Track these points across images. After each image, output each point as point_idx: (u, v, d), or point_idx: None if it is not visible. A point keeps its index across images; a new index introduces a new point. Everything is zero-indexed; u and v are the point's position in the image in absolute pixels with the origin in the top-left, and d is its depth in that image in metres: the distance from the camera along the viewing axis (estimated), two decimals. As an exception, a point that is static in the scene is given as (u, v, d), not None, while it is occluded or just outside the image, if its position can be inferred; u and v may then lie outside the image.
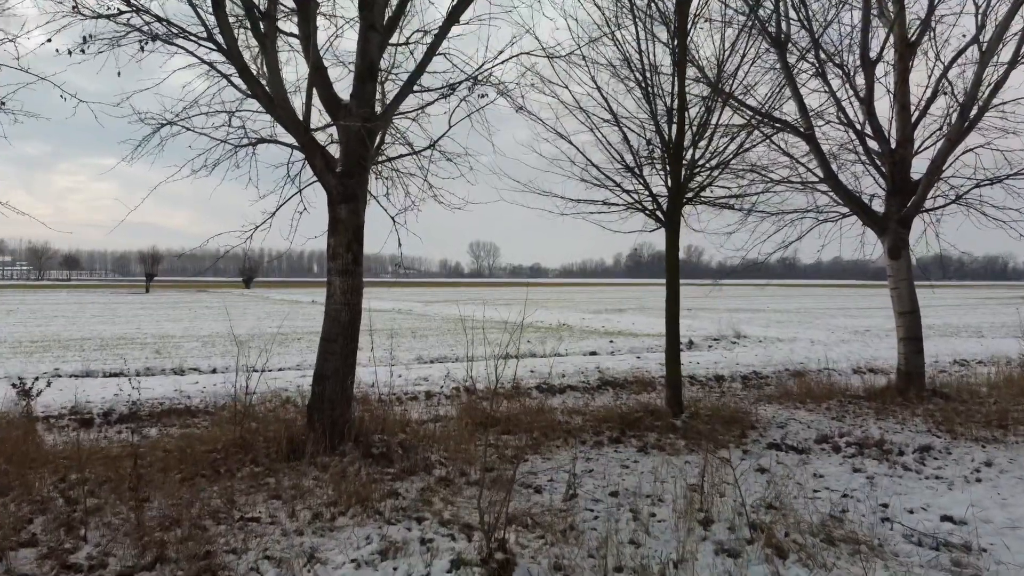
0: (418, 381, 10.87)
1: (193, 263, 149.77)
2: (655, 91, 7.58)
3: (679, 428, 7.27)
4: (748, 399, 9.68)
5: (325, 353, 6.39)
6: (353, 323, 6.41)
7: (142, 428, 7.94)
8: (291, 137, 6.42)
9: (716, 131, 7.76)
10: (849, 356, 14.14)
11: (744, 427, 7.52)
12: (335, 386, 6.31)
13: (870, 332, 20.05)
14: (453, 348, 15.41)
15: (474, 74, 6.57)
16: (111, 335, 18.47)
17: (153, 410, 8.66)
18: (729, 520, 4.60)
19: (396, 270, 9.08)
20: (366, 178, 6.65)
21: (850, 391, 9.67)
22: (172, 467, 5.80)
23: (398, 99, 6.59)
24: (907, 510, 4.92)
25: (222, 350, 14.89)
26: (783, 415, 8.43)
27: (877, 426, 7.73)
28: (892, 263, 9.19)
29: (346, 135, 6.42)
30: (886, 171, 9.21)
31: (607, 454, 6.56)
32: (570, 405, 9.10)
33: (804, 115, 9.46)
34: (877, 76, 9.38)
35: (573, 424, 7.60)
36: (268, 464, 5.89)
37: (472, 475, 5.64)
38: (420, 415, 8.21)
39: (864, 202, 9.44)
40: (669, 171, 7.69)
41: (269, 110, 6.12)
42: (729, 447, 6.81)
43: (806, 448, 6.74)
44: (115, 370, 11.90)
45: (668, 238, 7.82)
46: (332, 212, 6.44)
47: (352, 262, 6.39)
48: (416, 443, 6.40)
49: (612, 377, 11.33)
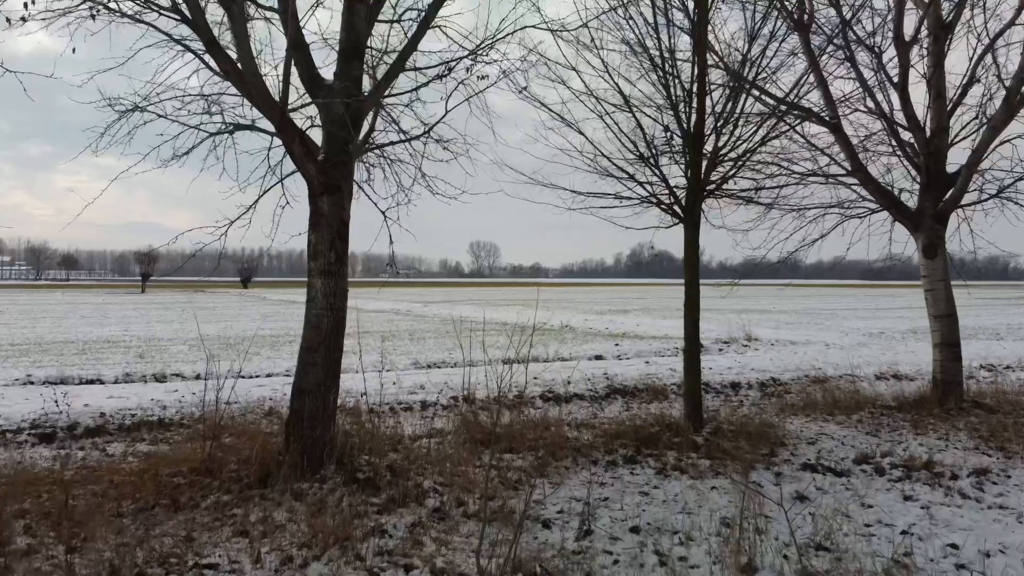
0: (413, 389, 10.15)
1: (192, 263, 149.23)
2: (672, 71, 6.85)
3: (700, 446, 6.54)
4: (770, 410, 8.95)
5: (305, 364, 5.66)
6: (337, 330, 5.68)
7: (108, 444, 7.24)
8: (271, 124, 5.70)
9: (740, 118, 7.03)
10: (869, 360, 13.40)
11: (772, 444, 6.79)
12: (316, 402, 5.58)
13: (885, 334, 19.31)
14: (452, 352, 14.68)
15: (475, 49, 5.84)
16: (96, 338, 17.74)
17: (123, 423, 7.93)
18: (776, 569, 3.87)
19: (387, 270, 8.46)
20: (351, 167, 5.92)
21: (880, 401, 8.95)
22: (128, 495, 5.07)
23: (388, 78, 5.87)
24: (982, 552, 4.19)
25: (212, 354, 14.14)
26: (812, 429, 7.70)
27: (918, 443, 7.01)
28: (927, 263, 8.46)
29: (328, 118, 5.70)
30: (920, 163, 8.48)
31: (622, 477, 5.83)
32: (578, 417, 8.37)
33: (830, 103, 8.74)
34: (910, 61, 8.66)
35: (583, 440, 6.88)
36: (238, 492, 5.16)
37: (471, 505, 4.92)
38: (414, 429, 7.49)
39: (896, 197, 8.71)
40: (688, 161, 6.96)
41: (240, 88, 5.39)
42: (758, 468, 6.09)
43: (846, 470, 6.01)
44: (91, 376, 11.18)
45: (687, 235, 7.09)
46: (313, 205, 5.72)
47: (335, 261, 5.66)
48: (408, 466, 5.67)
49: (621, 385, 10.61)
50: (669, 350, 15.31)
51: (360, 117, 5.89)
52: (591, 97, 7.32)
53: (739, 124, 6.99)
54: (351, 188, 5.91)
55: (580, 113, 28.85)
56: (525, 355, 13.46)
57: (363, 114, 5.94)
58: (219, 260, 6.67)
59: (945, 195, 8.38)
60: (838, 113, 8.79)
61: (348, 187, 5.84)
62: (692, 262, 7.07)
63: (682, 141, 6.99)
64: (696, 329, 7.08)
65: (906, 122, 8.50)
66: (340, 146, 5.65)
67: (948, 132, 8.54)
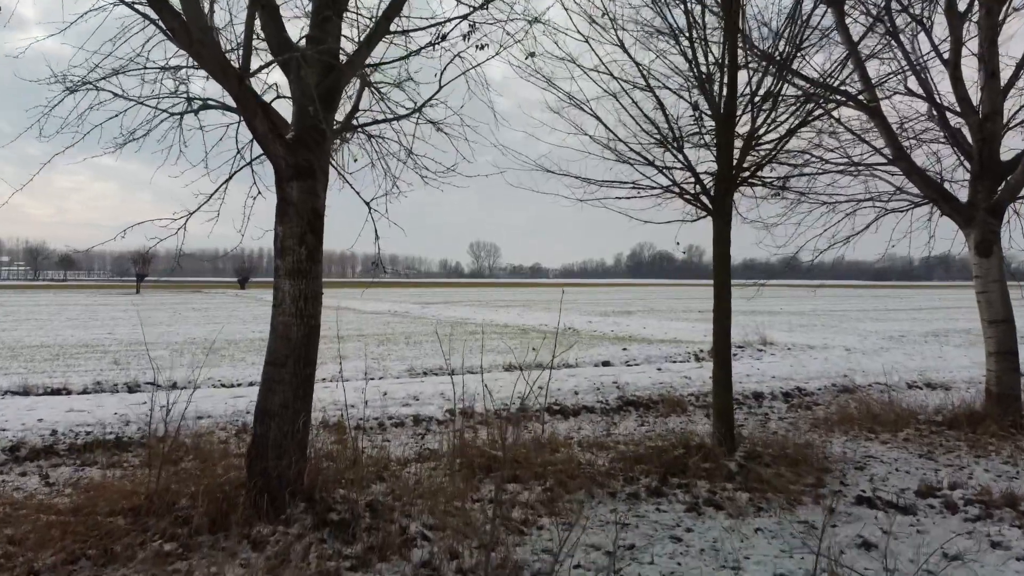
0: (407, 400, 9.24)
1: (193, 263, 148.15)
2: (702, 34, 5.94)
3: (735, 474, 5.62)
4: (801, 425, 8.05)
5: (270, 381, 4.74)
6: (308, 341, 4.77)
7: (55, 468, 6.33)
8: (229, 94, 4.79)
9: (779, 95, 6.12)
10: (895, 366, 12.47)
11: (816, 470, 5.87)
12: (283, 426, 4.67)
13: (906, 338, 18.38)
14: (449, 357, 13.75)
15: (478, 5, 4.92)
16: (75, 341, 16.83)
17: (76, 442, 7.02)
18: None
19: (373, 269, 7.73)
20: (327, 148, 5.02)
21: (922, 415, 8.03)
22: (51, 542, 4.16)
23: (370, 40, 4.96)
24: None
25: (191, 360, 13.25)
26: (855, 450, 6.79)
27: (983, 468, 6.10)
28: (981, 261, 7.54)
29: (300, 89, 4.79)
30: (973, 149, 7.57)
31: (647, 516, 4.92)
32: (589, 435, 7.46)
33: (868, 84, 7.84)
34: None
35: (597, 466, 5.96)
36: (186, 537, 4.25)
37: (467, 558, 4.01)
38: (404, 450, 6.60)
39: (944, 187, 7.81)
40: (718, 144, 6.05)
41: (189, 50, 4.47)
42: (805, 501, 5.19)
43: (910, 505, 5.09)
44: (58, 386, 10.27)
45: (716, 229, 6.18)
46: (281, 192, 4.81)
47: (306, 259, 4.75)
48: (391, 503, 4.76)
49: (634, 395, 9.69)
50: (680, 355, 14.40)
51: (337, 88, 4.99)
52: (602, 74, 6.42)
53: (778, 102, 6.07)
54: (326, 173, 5.00)
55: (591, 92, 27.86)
56: (527, 359, 12.58)
57: (341, 85, 5.04)
58: (177, 258, 5.76)
59: (1000, 185, 7.47)
60: (876, 96, 7.90)
61: (323, 171, 4.93)
62: (723, 261, 6.15)
63: (712, 121, 6.08)
64: (728, 338, 6.17)
65: (957, 104, 7.59)
66: (314, 122, 4.74)
67: (1002, 115, 7.64)
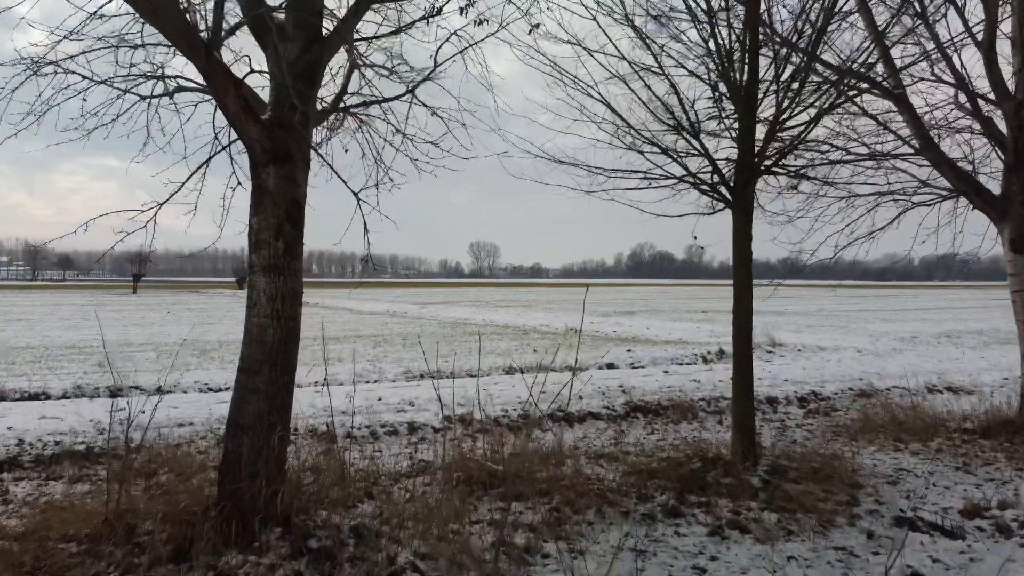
0: (401, 406, 8.73)
1: (192, 263, 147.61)
2: (724, 6, 5.43)
3: (759, 490, 5.11)
4: (821, 432, 7.54)
5: (243, 391, 4.23)
6: (285, 345, 4.26)
7: (16, 482, 5.82)
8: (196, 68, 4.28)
9: (806, 76, 5.62)
10: (912, 369, 11.95)
11: (846, 485, 5.36)
12: (257, 441, 4.16)
13: (918, 339, 17.86)
14: (447, 360, 13.24)
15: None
16: (62, 343, 16.31)
17: (43, 453, 6.51)
18: None
19: (362, 266, 7.38)
20: (308, 131, 4.51)
21: (952, 423, 7.53)
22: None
23: (359, 7, 4.45)
24: None
25: (181, 362, 12.73)
26: (885, 462, 6.28)
27: (1028, 483, 5.60)
28: (1016, 258, 7.03)
29: (277, 64, 4.28)
30: (1008, 138, 7.07)
31: (666, 540, 4.41)
32: (596, 444, 6.96)
33: (892, 70, 7.33)
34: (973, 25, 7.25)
35: (607, 481, 5.45)
36: (146, 568, 3.75)
37: (463, 595, 3.50)
38: (396, 462, 6.09)
39: (975, 179, 7.31)
40: (740, 130, 5.54)
41: (149, 18, 3.97)
42: (839, 523, 4.68)
43: (957, 527, 4.58)
44: (36, 390, 9.75)
45: (737, 222, 5.66)
46: (256, 179, 4.30)
47: (283, 253, 4.24)
48: (378, 527, 4.25)
49: (641, 400, 9.18)
50: (687, 357, 13.88)
51: (320, 64, 4.48)
52: (611, 56, 5.92)
53: (804, 84, 5.57)
54: (307, 159, 4.49)
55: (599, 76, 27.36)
56: (528, 361, 12.08)
57: (324, 60, 4.53)
58: (149, 255, 5.26)
59: (1036, 177, 6.97)
60: (902, 82, 7.40)
61: (303, 157, 4.42)
62: (744, 257, 5.64)
63: (732, 104, 5.57)
64: (749, 342, 5.66)
65: (991, 90, 7.09)
66: (292, 102, 4.23)
67: (1036, 103, 7.13)
